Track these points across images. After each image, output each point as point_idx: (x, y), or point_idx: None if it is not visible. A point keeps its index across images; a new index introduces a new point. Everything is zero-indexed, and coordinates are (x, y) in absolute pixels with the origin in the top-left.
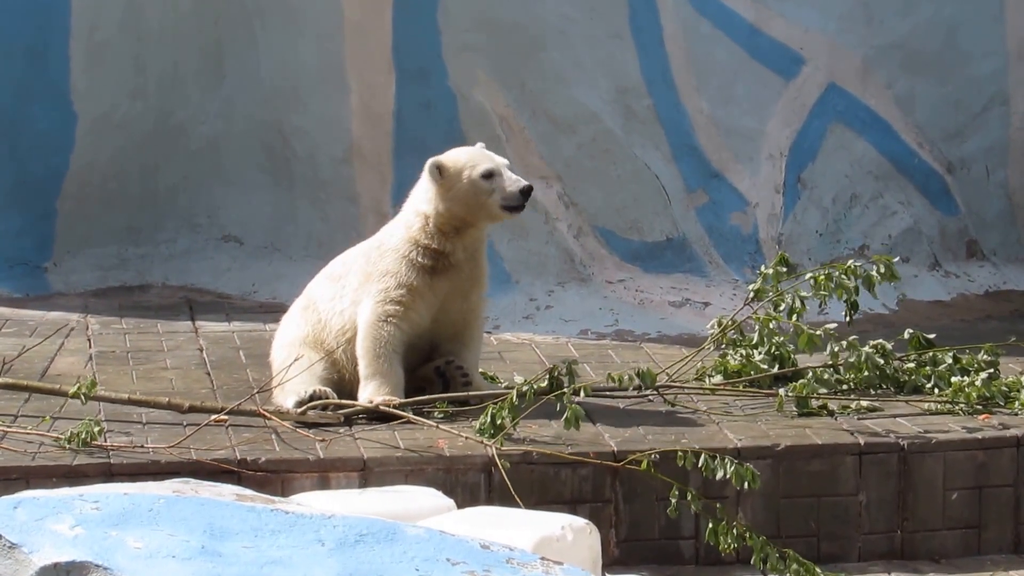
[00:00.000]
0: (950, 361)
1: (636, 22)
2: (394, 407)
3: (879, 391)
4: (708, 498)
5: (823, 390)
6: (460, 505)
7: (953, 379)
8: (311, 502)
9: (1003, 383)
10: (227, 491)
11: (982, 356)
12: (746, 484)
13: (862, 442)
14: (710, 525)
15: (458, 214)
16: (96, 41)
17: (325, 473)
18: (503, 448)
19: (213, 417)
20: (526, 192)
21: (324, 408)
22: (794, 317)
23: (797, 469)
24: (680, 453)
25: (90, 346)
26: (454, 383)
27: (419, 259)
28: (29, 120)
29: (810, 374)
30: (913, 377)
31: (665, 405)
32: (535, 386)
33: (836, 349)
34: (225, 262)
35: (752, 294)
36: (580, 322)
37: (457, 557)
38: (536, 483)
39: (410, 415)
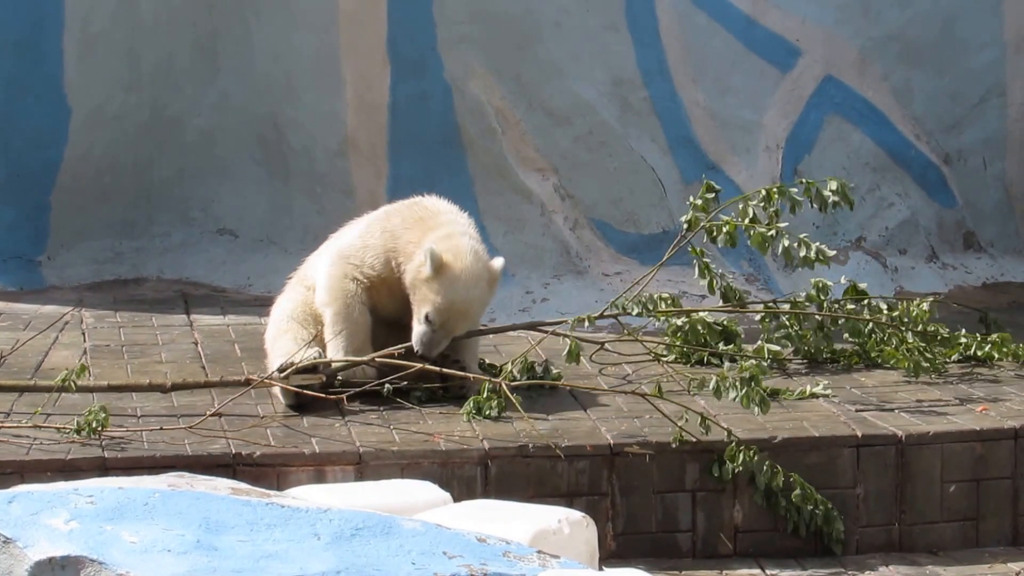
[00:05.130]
0: (886, 308)
1: (632, 13)
2: (378, 360)
3: (826, 359)
4: (705, 491)
5: (773, 351)
6: (456, 498)
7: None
8: (307, 496)
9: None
10: (222, 485)
11: (918, 302)
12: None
13: (860, 434)
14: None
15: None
16: (89, 33)
17: (321, 467)
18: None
19: (210, 411)
20: (410, 352)
21: (314, 369)
22: (728, 241)
23: (794, 461)
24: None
25: (85, 340)
26: (451, 377)
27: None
28: (22, 113)
29: (753, 348)
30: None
31: (663, 400)
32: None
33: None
34: (220, 255)
35: (686, 226)
36: (576, 315)
37: (454, 550)
38: (533, 476)
39: (400, 360)
